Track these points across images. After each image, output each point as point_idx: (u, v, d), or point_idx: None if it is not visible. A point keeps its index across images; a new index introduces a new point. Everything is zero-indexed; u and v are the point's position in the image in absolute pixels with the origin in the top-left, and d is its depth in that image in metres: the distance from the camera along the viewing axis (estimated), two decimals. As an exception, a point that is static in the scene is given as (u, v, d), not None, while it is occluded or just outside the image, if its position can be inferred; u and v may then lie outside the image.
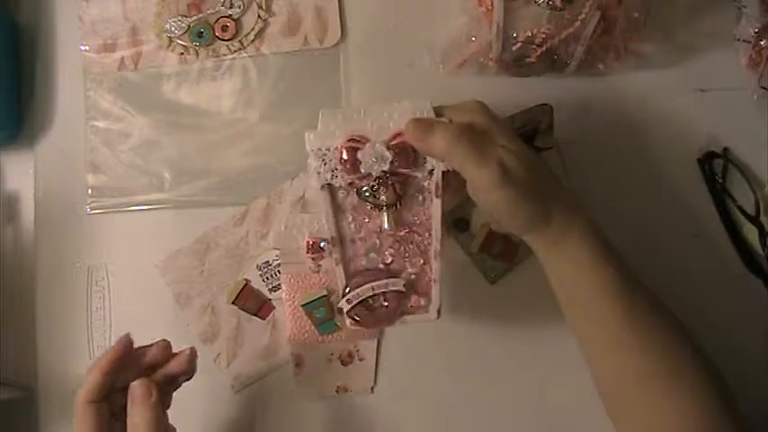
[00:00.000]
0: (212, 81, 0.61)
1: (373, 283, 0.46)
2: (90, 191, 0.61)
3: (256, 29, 0.61)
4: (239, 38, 0.61)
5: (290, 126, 0.60)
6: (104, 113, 0.62)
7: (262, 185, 0.60)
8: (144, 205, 0.61)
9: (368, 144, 0.44)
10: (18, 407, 0.59)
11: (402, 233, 0.47)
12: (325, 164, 0.44)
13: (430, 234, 0.47)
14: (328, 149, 0.44)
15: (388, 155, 0.44)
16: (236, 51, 0.61)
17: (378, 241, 0.47)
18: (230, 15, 0.61)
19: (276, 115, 0.61)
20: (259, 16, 0.61)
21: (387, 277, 0.47)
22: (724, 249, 0.57)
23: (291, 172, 0.60)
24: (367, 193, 0.46)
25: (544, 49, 0.54)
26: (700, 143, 0.58)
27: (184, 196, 0.60)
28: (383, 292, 0.47)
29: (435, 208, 0.46)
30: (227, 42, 0.61)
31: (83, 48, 0.62)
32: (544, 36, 0.54)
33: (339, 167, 0.44)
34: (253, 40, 0.61)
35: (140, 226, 0.61)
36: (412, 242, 0.47)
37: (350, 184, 0.45)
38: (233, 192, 0.60)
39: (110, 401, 0.47)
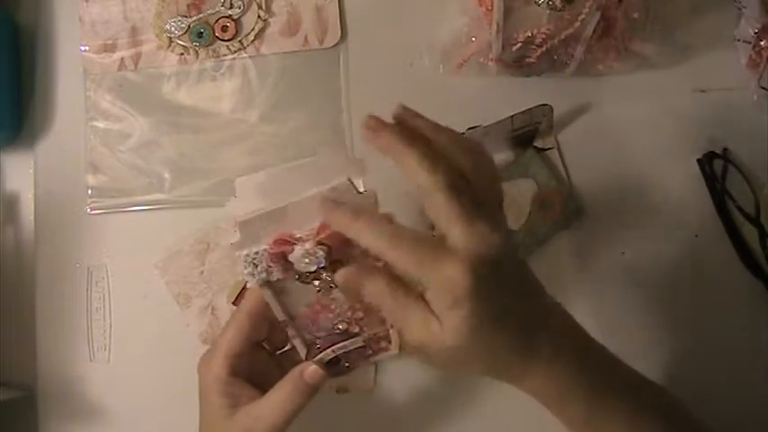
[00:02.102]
0: (212, 81, 0.61)
1: (334, 347, 0.45)
2: (90, 191, 0.61)
3: (256, 29, 0.61)
4: (239, 38, 0.61)
5: (290, 126, 0.60)
6: (104, 114, 0.62)
7: (262, 186, 0.60)
8: (144, 205, 0.61)
9: (296, 247, 0.41)
10: (18, 407, 0.59)
11: (353, 302, 0.44)
12: (256, 266, 0.42)
13: None
14: (256, 253, 0.42)
15: (321, 252, 0.41)
16: (236, 52, 0.61)
17: (330, 314, 0.45)
18: (230, 16, 0.61)
19: (276, 115, 0.61)
20: (259, 16, 0.61)
21: (345, 339, 0.45)
22: (724, 250, 0.57)
23: (291, 172, 0.60)
24: (309, 280, 0.43)
25: (544, 49, 0.54)
26: (700, 143, 0.58)
27: (184, 196, 0.60)
28: (345, 353, 0.46)
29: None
30: (227, 43, 0.61)
31: (83, 48, 0.62)
32: (544, 36, 0.54)
33: (272, 265, 0.42)
34: (253, 41, 0.61)
35: (140, 226, 0.61)
36: (365, 305, 0.44)
37: (289, 277, 0.43)
38: (233, 192, 0.60)
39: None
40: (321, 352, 0.45)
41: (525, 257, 0.57)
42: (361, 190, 0.42)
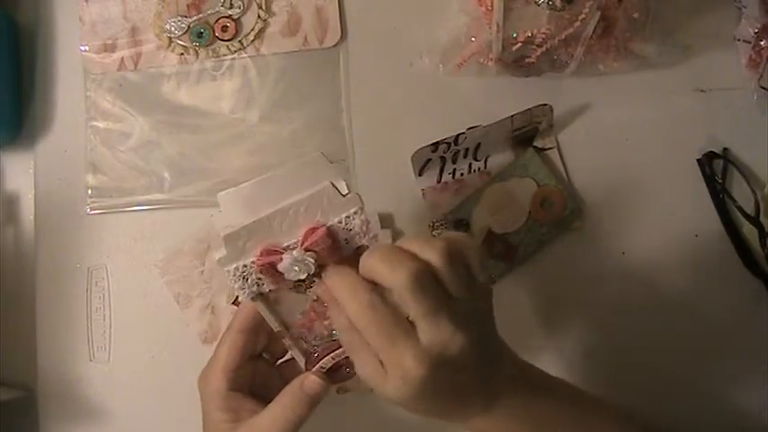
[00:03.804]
0: (212, 81, 0.61)
1: (333, 353, 0.45)
2: (90, 191, 0.61)
3: (256, 29, 0.61)
4: (239, 38, 0.61)
5: (290, 126, 0.60)
6: (104, 114, 0.62)
7: (262, 186, 0.60)
8: (144, 205, 0.61)
9: (284, 255, 0.41)
10: (18, 407, 0.59)
11: None
12: (246, 280, 0.42)
13: None
14: (245, 266, 0.41)
15: (310, 260, 0.41)
16: (235, 52, 0.61)
17: (325, 321, 0.45)
18: (230, 15, 0.61)
19: (276, 115, 0.61)
20: (259, 16, 0.61)
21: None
22: (724, 250, 0.57)
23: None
24: (303, 290, 0.43)
25: (544, 49, 0.54)
26: (699, 143, 0.58)
27: (184, 196, 0.60)
28: (346, 358, 0.45)
29: None
30: (226, 42, 0.61)
31: (83, 48, 0.62)
32: (544, 36, 0.54)
33: (262, 277, 0.42)
34: (253, 41, 0.61)
35: (140, 226, 0.61)
36: None
37: (279, 287, 0.43)
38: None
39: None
40: (320, 360, 0.45)
41: (525, 257, 0.58)
42: (345, 192, 0.42)
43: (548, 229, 0.57)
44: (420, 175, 0.58)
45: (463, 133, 0.55)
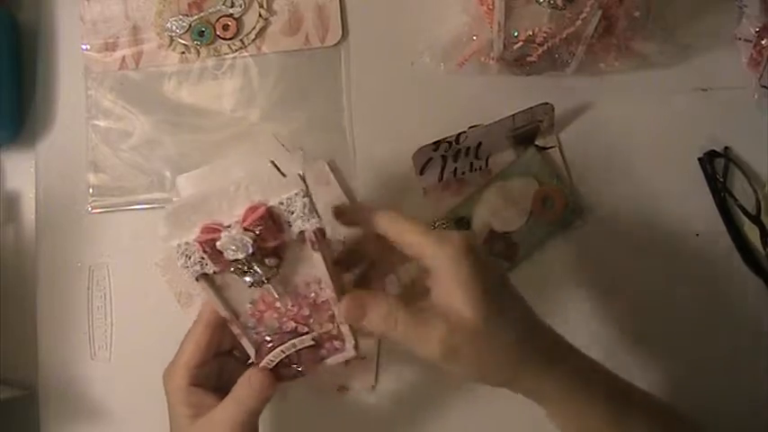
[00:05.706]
0: (213, 80, 0.61)
1: (282, 346, 0.44)
2: (91, 190, 0.61)
3: (257, 28, 0.61)
4: (240, 37, 0.61)
5: (290, 125, 0.60)
6: (105, 112, 0.62)
7: (263, 184, 0.60)
8: (145, 204, 0.61)
9: (223, 233, 0.40)
10: (18, 407, 0.59)
11: (296, 299, 0.44)
12: (189, 258, 0.41)
13: (322, 286, 0.44)
14: (187, 243, 0.41)
15: (248, 239, 0.40)
16: (237, 50, 0.61)
17: (275, 313, 0.44)
18: (231, 14, 0.61)
19: (277, 114, 0.61)
20: (260, 15, 0.61)
21: (294, 337, 0.44)
22: (725, 249, 0.57)
23: (292, 171, 0.60)
24: (241, 274, 0.42)
25: (545, 48, 0.54)
26: (700, 142, 0.58)
27: (185, 195, 0.60)
28: (296, 353, 0.45)
29: (318, 262, 0.43)
30: (228, 41, 0.61)
31: (84, 47, 0.62)
32: (545, 35, 0.54)
33: (204, 256, 0.41)
34: (254, 40, 0.61)
35: (141, 225, 0.61)
36: (309, 301, 0.44)
37: (222, 268, 0.42)
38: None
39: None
40: (270, 352, 0.44)
41: (525, 256, 0.58)
42: (285, 173, 0.41)
43: (549, 227, 0.57)
44: (421, 173, 0.58)
45: (464, 132, 0.55)
